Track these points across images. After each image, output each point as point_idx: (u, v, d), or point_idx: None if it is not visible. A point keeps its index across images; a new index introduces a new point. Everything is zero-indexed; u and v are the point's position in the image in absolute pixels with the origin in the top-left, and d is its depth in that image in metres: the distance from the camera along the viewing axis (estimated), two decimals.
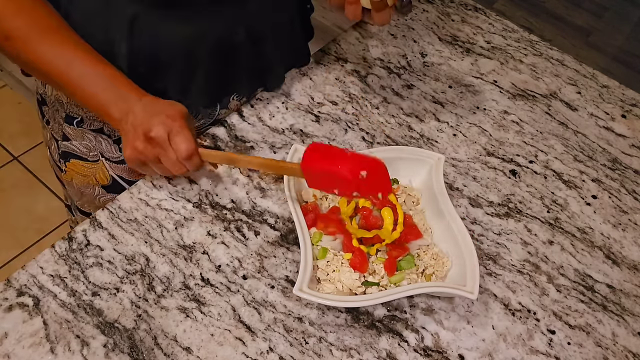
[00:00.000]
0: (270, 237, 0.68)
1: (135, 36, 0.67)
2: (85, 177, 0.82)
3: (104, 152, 0.79)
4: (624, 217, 0.78)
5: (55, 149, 0.82)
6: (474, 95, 0.90)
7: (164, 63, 0.70)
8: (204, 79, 0.73)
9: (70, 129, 0.78)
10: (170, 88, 0.72)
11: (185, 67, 0.72)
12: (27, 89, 1.99)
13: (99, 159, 0.80)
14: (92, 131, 0.77)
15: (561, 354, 0.64)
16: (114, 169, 0.80)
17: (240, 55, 0.75)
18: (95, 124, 0.77)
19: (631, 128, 0.90)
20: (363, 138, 0.81)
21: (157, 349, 0.58)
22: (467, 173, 0.79)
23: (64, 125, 0.78)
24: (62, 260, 0.63)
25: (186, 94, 0.73)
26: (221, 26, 0.71)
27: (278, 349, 0.60)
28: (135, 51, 0.68)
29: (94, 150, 0.79)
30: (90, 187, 0.83)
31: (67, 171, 0.83)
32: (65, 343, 0.58)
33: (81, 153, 0.80)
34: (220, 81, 0.76)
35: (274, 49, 0.78)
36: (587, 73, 0.98)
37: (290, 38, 0.82)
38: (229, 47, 0.73)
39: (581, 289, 0.70)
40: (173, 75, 0.72)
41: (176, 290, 0.62)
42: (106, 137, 0.78)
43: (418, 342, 0.62)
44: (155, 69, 0.70)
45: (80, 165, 0.81)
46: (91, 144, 0.79)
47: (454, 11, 1.05)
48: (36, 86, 0.81)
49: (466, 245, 0.63)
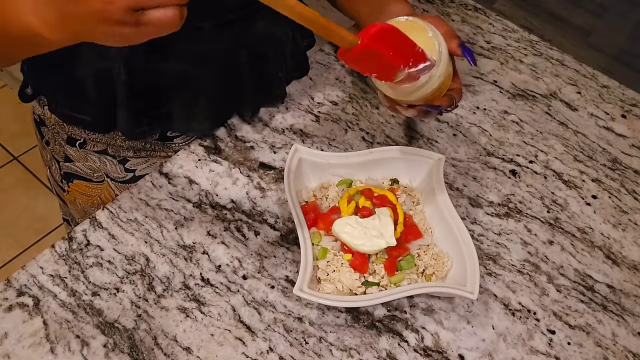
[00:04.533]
0: (270, 237, 0.68)
1: (135, 67, 0.65)
2: (90, 197, 0.81)
3: (109, 173, 0.78)
4: (624, 217, 0.78)
5: (56, 169, 0.81)
6: (474, 95, 0.90)
7: (165, 92, 0.69)
8: (207, 105, 0.72)
9: (72, 150, 0.76)
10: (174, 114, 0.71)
11: (188, 95, 0.70)
12: None
13: (104, 179, 0.79)
14: (96, 152, 0.76)
15: (561, 354, 0.64)
16: (120, 188, 0.80)
17: (243, 76, 0.73)
18: (99, 145, 0.75)
19: (631, 128, 0.90)
20: (363, 138, 0.81)
21: (157, 349, 0.58)
22: (467, 173, 0.79)
23: (66, 147, 0.77)
24: (62, 260, 0.63)
25: (190, 120, 0.72)
26: (223, 51, 0.69)
27: (278, 349, 0.60)
28: (135, 80, 0.66)
29: (99, 171, 0.78)
30: (95, 206, 0.82)
31: (70, 191, 0.82)
32: (65, 343, 0.58)
33: (85, 174, 0.79)
34: (224, 104, 0.75)
35: (277, 65, 0.77)
36: (587, 73, 0.98)
37: (292, 52, 0.81)
38: (231, 71, 0.71)
39: (581, 289, 0.70)
40: (176, 104, 0.70)
41: (176, 290, 0.62)
42: (111, 157, 0.77)
43: (418, 342, 0.62)
44: (157, 98, 0.69)
45: (84, 185, 0.80)
46: (95, 165, 0.77)
47: (454, 11, 1.05)
48: (32, 106, 0.79)
49: (466, 245, 0.63)
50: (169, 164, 0.73)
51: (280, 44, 0.76)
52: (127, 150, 0.76)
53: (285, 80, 0.84)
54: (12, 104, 2.03)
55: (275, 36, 0.74)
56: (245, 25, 0.69)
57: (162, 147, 0.78)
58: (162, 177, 0.72)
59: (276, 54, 0.76)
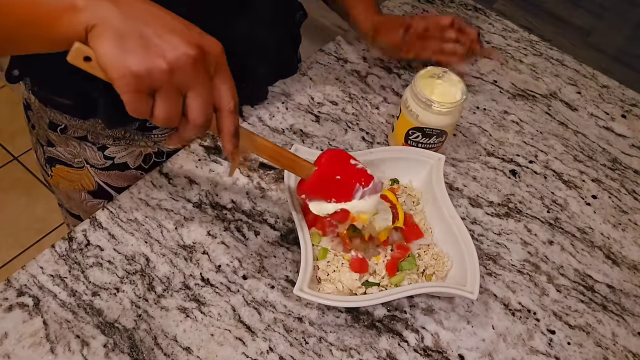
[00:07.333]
0: (270, 237, 0.68)
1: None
2: (72, 182, 0.82)
3: (89, 159, 0.78)
4: (624, 217, 0.78)
5: (41, 153, 0.82)
6: (474, 95, 0.90)
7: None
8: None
9: (54, 135, 0.77)
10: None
11: None
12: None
13: (84, 165, 0.79)
14: (76, 138, 0.76)
15: (561, 354, 0.64)
16: (99, 175, 0.80)
17: None
18: (79, 131, 0.75)
19: (631, 128, 0.90)
20: (363, 138, 0.81)
21: (157, 349, 0.58)
22: (467, 173, 0.79)
23: (49, 132, 0.77)
24: (62, 260, 0.63)
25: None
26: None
27: (278, 349, 0.60)
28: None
29: (79, 157, 0.78)
30: (77, 192, 0.82)
31: (53, 176, 0.82)
32: (65, 343, 0.58)
33: (66, 159, 0.79)
34: None
35: (261, 67, 0.77)
36: (587, 73, 0.98)
37: (277, 54, 0.81)
38: None
39: (581, 289, 0.70)
40: None
41: (176, 290, 0.62)
42: (90, 144, 0.77)
43: (418, 342, 0.62)
44: None
45: (65, 170, 0.80)
46: (75, 150, 0.78)
47: (454, 11, 1.05)
48: (22, 91, 0.79)
49: (466, 245, 0.63)
50: (169, 164, 0.73)
51: (263, 43, 0.77)
52: (107, 138, 0.76)
53: (272, 78, 0.84)
54: (11, 104, 2.03)
55: (256, 36, 0.74)
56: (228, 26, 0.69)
57: (141, 136, 0.78)
58: (162, 177, 0.72)
59: (257, 51, 0.76)
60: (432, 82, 0.73)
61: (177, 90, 0.44)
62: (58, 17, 0.42)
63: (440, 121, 0.71)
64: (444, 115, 0.71)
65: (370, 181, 0.60)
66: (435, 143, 0.75)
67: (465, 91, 0.72)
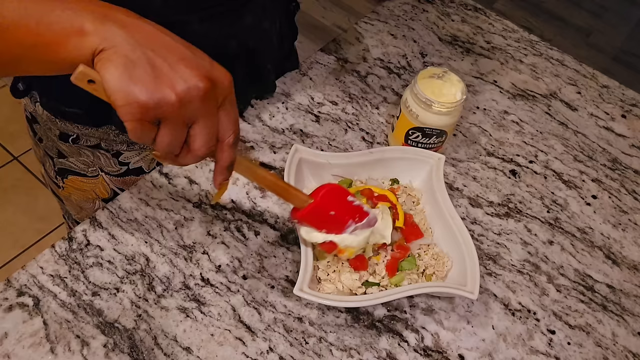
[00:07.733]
0: (270, 237, 0.68)
1: None
2: (85, 192, 0.81)
3: (103, 167, 0.78)
4: (624, 217, 0.78)
5: (50, 166, 0.80)
6: (474, 95, 0.90)
7: None
8: None
9: (65, 146, 0.76)
10: None
11: None
12: None
13: (98, 174, 0.78)
14: (89, 147, 0.76)
15: (561, 354, 0.64)
16: (114, 182, 0.79)
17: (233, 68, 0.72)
18: (92, 140, 0.75)
19: (631, 128, 0.90)
20: (363, 138, 0.81)
21: (157, 349, 0.58)
22: (467, 173, 0.79)
23: (59, 143, 0.76)
24: (62, 260, 0.63)
25: None
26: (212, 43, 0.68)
27: (278, 349, 0.60)
28: None
29: (93, 165, 0.78)
30: (90, 201, 0.82)
31: (65, 187, 0.82)
32: (65, 343, 0.58)
33: (79, 169, 0.78)
34: None
35: (266, 57, 0.78)
36: (587, 73, 0.98)
37: (279, 43, 0.82)
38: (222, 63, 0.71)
39: (581, 289, 0.70)
40: None
41: (176, 290, 0.62)
42: (104, 151, 0.76)
43: (418, 342, 0.62)
44: None
45: (78, 181, 0.80)
46: (89, 159, 0.77)
47: (454, 11, 1.05)
48: (24, 104, 0.78)
49: (466, 245, 0.63)
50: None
51: (268, 35, 0.77)
52: (121, 144, 0.76)
53: (275, 72, 0.84)
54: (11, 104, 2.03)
55: (263, 28, 0.75)
56: (234, 17, 0.69)
57: None
58: (162, 177, 0.72)
59: (265, 45, 0.76)
60: (432, 82, 0.73)
61: (183, 121, 0.43)
62: (65, 40, 0.41)
63: (440, 121, 0.71)
64: (444, 115, 0.71)
65: (365, 217, 0.59)
66: (435, 143, 0.75)
67: (465, 91, 0.72)
